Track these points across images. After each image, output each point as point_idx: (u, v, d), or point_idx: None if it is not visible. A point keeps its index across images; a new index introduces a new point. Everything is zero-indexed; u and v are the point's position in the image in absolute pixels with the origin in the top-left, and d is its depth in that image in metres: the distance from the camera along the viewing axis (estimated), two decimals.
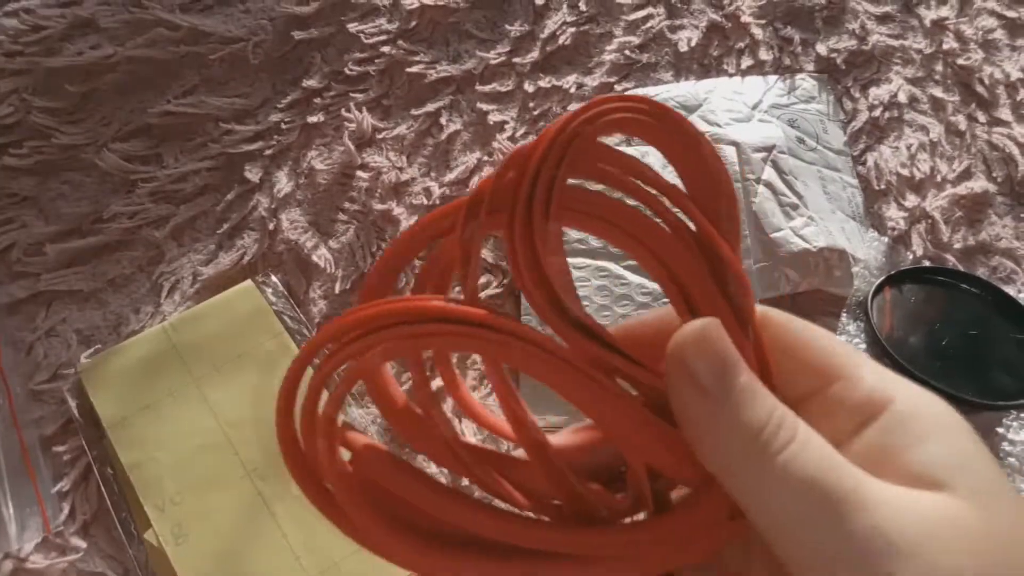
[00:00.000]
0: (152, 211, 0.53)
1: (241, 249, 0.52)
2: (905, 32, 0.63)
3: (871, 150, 0.57)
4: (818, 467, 0.15)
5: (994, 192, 0.56)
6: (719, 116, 0.57)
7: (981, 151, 0.57)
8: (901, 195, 0.56)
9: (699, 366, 0.16)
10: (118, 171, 0.54)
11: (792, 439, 0.16)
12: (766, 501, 0.16)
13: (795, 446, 0.16)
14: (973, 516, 0.15)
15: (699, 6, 0.63)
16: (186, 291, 0.51)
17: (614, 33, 0.62)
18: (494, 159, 0.55)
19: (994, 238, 0.54)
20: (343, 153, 0.55)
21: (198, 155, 0.55)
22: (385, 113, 0.58)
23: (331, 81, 0.59)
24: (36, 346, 0.49)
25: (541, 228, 0.17)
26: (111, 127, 0.56)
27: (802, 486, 0.15)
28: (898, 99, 0.59)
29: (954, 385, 0.46)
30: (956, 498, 0.16)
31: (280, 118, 0.57)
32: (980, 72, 0.60)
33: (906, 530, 0.15)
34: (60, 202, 0.54)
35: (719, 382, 0.16)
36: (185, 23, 0.59)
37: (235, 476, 0.43)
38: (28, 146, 0.55)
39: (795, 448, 0.16)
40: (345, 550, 0.42)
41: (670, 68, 0.61)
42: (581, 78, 0.59)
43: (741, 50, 0.61)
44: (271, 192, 0.54)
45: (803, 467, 0.15)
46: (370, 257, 0.52)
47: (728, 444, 0.16)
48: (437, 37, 0.61)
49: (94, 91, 0.57)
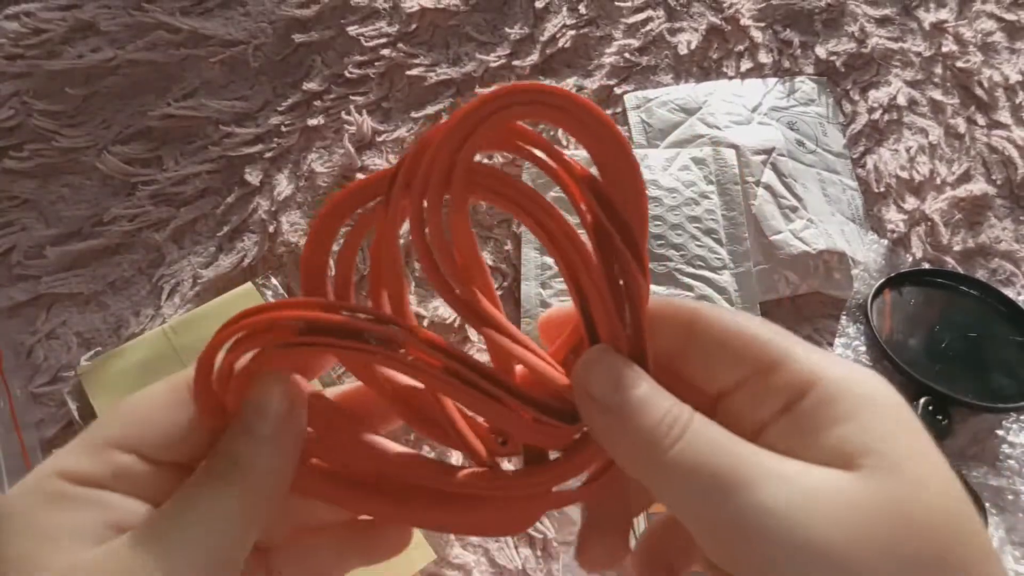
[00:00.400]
0: (152, 214, 0.53)
1: (241, 252, 0.52)
2: (904, 35, 0.63)
3: (870, 153, 0.57)
4: (708, 453, 0.17)
5: (993, 195, 0.56)
6: (719, 119, 0.57)
7: (980, 154, 0.57)
8: (900, 198, 0.56)
9: (595, 389, 0.19)
10: (118, 174, 0.55)
11: (682, 434, 0.17)
12: (667, 491, 0.17)
13: (687, 437, 0.17)
14: (867, 493, 0.16)
15: (699, 9, 0.63)
16: (186, 294, 0.51)
17: (614, 36, 0.62)
18: (493, 161, 0.55)
19: (993, 240, 0.54)
20: (343, 156, 0.55)
21: (198, 158, 0.55)
22: (385, 116, 0.58)
23: (331, 84, 0.59)
24: (36, 349, 0.49)
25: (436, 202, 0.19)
26: (111, 130, 0.56)
27: (691, 472, 0.17)
28: (897, 102, 0.59)
29: (954, 387, 0.46)
30: (858, 475, 0.16)
31: (280, 121, 0.57)
32: (979, 75, 0.60)
33: (787, 504, 0.16)
34: (60, 205, 0.54)
35: (614, 398, 0.18)
36: (186, 26, 0.59)
37: None
38: (29, 149, 0.55)
39: (687, 439, 0.17)
40: None
41: (670, 71, 0.61)
42: (581, 80, 0.60)
43: (741, 53, 0.61)
44: (271, 195, 0.54)
45: (693, 455, 0.17)
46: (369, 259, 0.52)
47: (629, 448, 0.18)
48: (437, 40, 0.61)
49: (95, 94, 0.58)
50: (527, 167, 0.54)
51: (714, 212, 0.52)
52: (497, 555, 0.43)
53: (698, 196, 0.52)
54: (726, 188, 0.53)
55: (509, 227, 0.53)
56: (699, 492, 0.17)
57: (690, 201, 0.52)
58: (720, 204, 0.52)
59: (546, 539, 0.44)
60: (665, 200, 0.52)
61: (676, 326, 0.20)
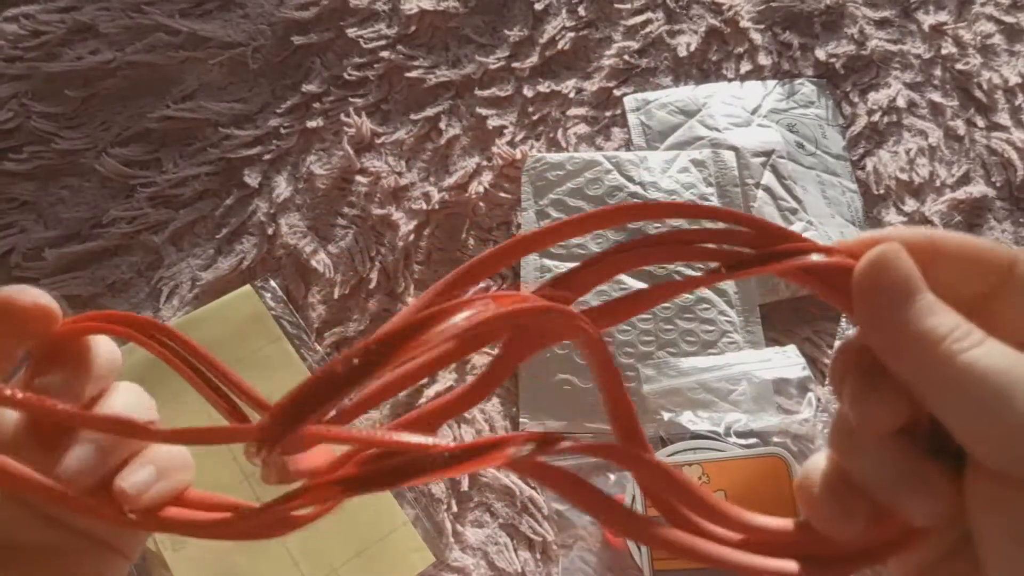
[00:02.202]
0: (151, 216, 0.53)
1: (240, 254, 0.52)
2: (904, 37, 0.63)
3: (870, 155, 0.57)
4: (1005, 361, 0.18)
5: (993, 197, 0.56)
6: (718, 121, 0.57)
7: (980, 156, 0.57)
8: (900, 200, 0.56)
9: (889, 282, 0.19)
10: (117, 176, 0.54)
11: (978, 343, 0.18)
12: (950, 393, 0.18)
13: (984, 346, 0.18)
14: None
15: (698, 11, 0.63)
16: (185, 296, 0.51)
17: (613, 38, 0.62)
18: (493, 163, 0.55)
19: None
20: (342, 158, 0.55)
21: (197, 160, 0.55)
22: (384, 118, 0.58)
23: (330, 86, 0.59)
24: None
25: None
26: (110, 132, 0.56)
27: (984, 377, 0.17)
28: (897, 104, 0.59)
29: None
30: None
31: (279, 123, 0.57)
32: (979, 77, 0.60)
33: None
34: (59, 207, 0.54)
35: (910, 293, 0.19)
36: (185, 28, 0.59)
37: (234, 481, 0.43)
38: (28, 151, 0.55)
39: (984, 347, 0.18)
40: (344, 556, 0.42)
41: (669, 73, 0.61)
42: (580, 83, 0.60)
43: (740, 55, 0.61)
44: (270, 197, 0.54)
45: (988, 361, 0.18)
46: (369, 262, 0.52)
47: (915, 346, 0.18)
48: (436, 42, 0.61)
49: (94, 96, 0.57)
50: (526, 168, 0.54)
51: None
52: (496, 558, 0.43)
53: (698, 198, 0.52)
54: (726, 190, 0.53)
55: (508, 229, 0.53)
56: (989, 396, 0.17)
57: (690, 203, 0.52)
58: (720, 206, 0.53)
59: (545, 542, 0.44)
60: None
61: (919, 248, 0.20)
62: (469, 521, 0.45)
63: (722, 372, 0.45)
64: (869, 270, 0.19)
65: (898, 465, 0.19)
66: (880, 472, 0.20)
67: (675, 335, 0.48)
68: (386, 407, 0.47)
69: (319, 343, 0.49)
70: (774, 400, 0.44)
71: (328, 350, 0.49)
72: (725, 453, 0.42)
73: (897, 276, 0.19)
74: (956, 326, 0.18)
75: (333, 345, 0.49)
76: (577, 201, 0.52)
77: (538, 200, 0.53)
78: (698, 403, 0.44)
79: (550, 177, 0.53)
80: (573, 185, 0.53)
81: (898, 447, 0.20)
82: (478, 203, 0.54)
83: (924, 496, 0.19)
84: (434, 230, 0.54)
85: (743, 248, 0.22)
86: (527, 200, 0.53)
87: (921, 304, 0.19)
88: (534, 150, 0.56)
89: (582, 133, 0.57)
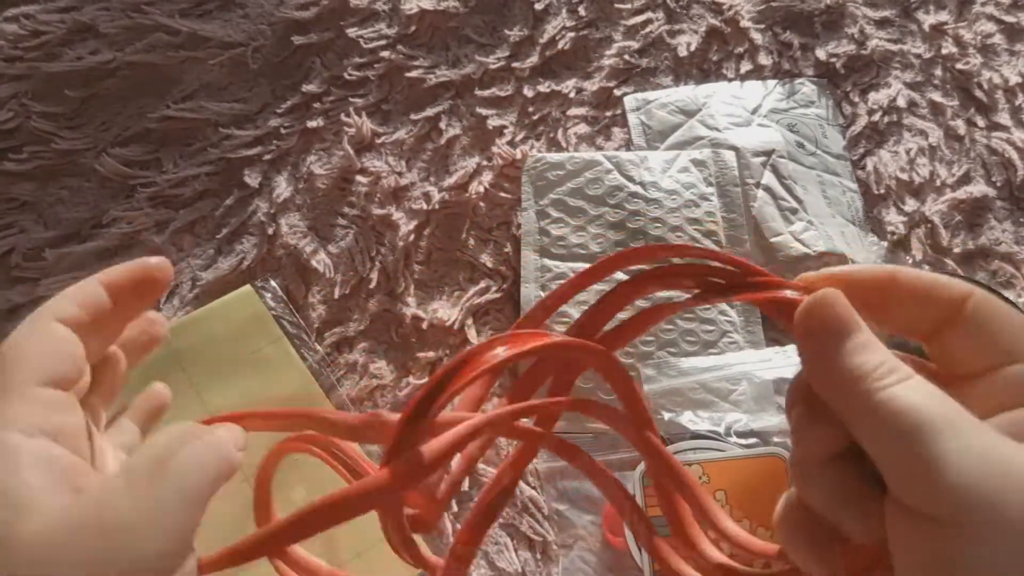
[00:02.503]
0: (151, 216, 0.53)
1: (240, 254, 0.52)
2: (904, 37, 0.63)
3: (870, 154, 0.57)
4: (920, 399, 0.18)
5: (993, 196, 0.56)
6: (718, 120, 0.57)
7: (980, 156, 0.57)
8: (900, 199, 0.56)
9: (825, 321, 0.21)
10: (117, 176, 0.54)
11: (900, 380, 0.19)
12: (870, 426, 0.19)
13: (902, 384, 0.19)
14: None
15: (698, 11, 0.63)
16: (185, 296, 0.51)
17: (613, 38, 0.62)
18: (493, 163, 0.55)
19: (993, 242, 0.54)
20: (342, 158, 0.55)
21: (197, 160, 0.55)
22: (384, 118, 0.58)
23: (330, 86, 0.59)
24: None
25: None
26: (110, 132, 0.56)
27: (900, 412, 0.18)
28: (897, 104, 0.59)
29: None
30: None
31: (279, 123, 0.57)
32: (979, 77, 0.60)
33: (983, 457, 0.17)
34: (59, 207, 0.54)
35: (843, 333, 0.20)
36: (185, 28, 0.59)
37: (234, 482, 0.43)
38: (28, 151, 0.55)
39: (905, 385, 0.19)
40: (344, 556, 0.42)
41: (669, 73, 0.61)
42: (580, 83, 0.60)
43: (740, 55, 0.61)
44: (270, 197, 0.54)
45: (905, 399, 0.18)
46: (369, 262, 0.52)
47: (841, 380, 0.20)
48: (436, 42, 0.61)
49: (94, 96, 0.57)
50: (527, 168, 0.54)
51: (714, 214, 0.52)
52: (496, 558, 0.43)
53: (698, 198, 0.52)
54: (726, 190, 0.53)
55: (508, 229, 0.53)
56: (902, 431, 0.18)
57: (690, 203, 0.52)
58: (720, 206, 0.52)
59: (545, 542, 0.44)
60: (665, 202, 0.52)
61: (879, 284, 0.22)
62: None
63: (722, 372, 0.45)
64: (807, 312, 0.21)
65: (837, 488, 0.21)
66: (823, 495, 0.21)
67: (675, 335, 0.48)
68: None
69: (319, 343, 0.49)
70: (774, 400, 0.44)
71: (328, 350, 0.49)
72: (725, 453, 0.42)
73: (831, 318, 0.21)
74: (881, 363, 0.19)
75: (333, 345, 0.49)
76: (577, 201, 0.52)
77: (538, 200, 0.53)
78: (698, 403, 0.44)
79: (550, 177, 0.53)
80: (573, 185, 0.53)
81: (836, 472, 0.21)
82: (478, 203, 0.54)
83: (855, 517, 0.20)
84: (434, 230, 0.53)
85: (720, 280, 0.25)
86: (527, 200, 0.53)
87: (852, 343, 0.20)
88: (534, 150, 0.56)
89: (582, 133, 0.57)
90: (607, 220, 0.51)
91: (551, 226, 0.52)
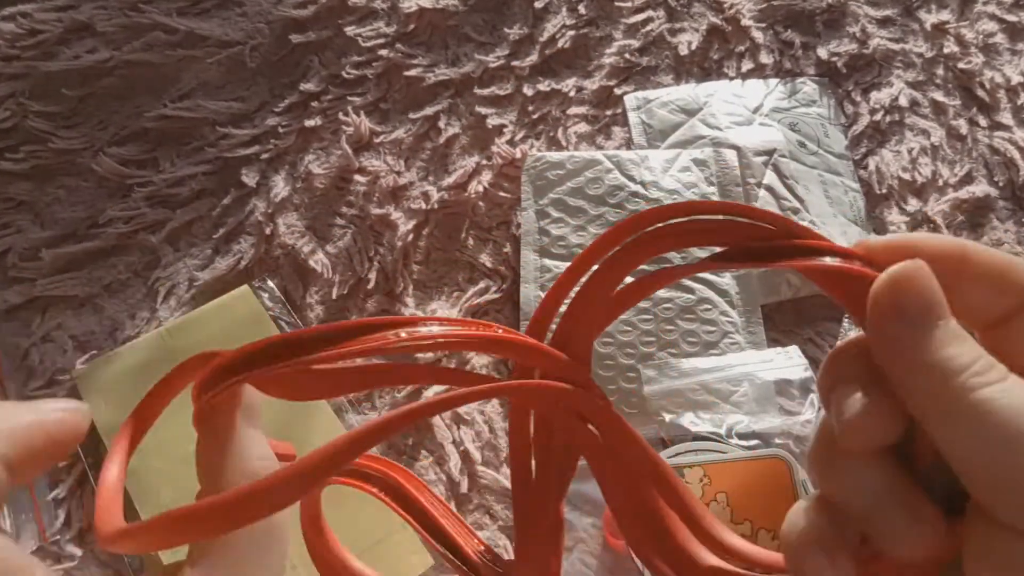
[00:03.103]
0: (148, 216, 0.53)
1: (238, 254, 0.52)
2: (906, 36, 0.62)
3: (872, 154, 0.57)
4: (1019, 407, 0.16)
5: (996, 196, 0.55)
6: (720, 119, 0.56)
7: (982, 155, 0.57)
8: (903, 199, 0.55)
9: (911, 300, 0.17)
10: (114, 175, 0.54)
11: (999, 380, 0.17)
12: (962, 431, 0.17)
13: (1000, 385, 0.16)
14: None
15: (699, 9, 0.63)
16: (182, 296, 0.50)
17: (614, 36, 0.61)
18: (493, 163, 0.55)
19: (996, 242, 0.54)
20: (340, 157, 0.55)
21: (194, 159, 0.55)
22: (383, 117, 0.58)
23: (328, 85, 0.58)
24: (32, 352, 0.49)
25: None
26: (107, 131, 0.56)
27: (1002, 418, 0.16)
28: (899, 103, 0.59)
29: None
30: None
31: (277, 122, 0.57)
32: (981, 76, 0.60)
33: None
34: (56, 207, 0.53)
35: (930, 317, 0.17)
36: (182, 27, 0.59)
37: None
38: (24, 150, 0.54)
39: (1003, 385, 0.16)
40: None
41: (670, 71, 0.60)
42: (580, 81, 0.59)
43: (742, 53, 0.61)
44: (268, 196, 0.54)
45: (1005, 402, 0.16)
46: (367, 262, 0.52)
47: (929, 376, 0.17)
48: (435, 40, 0.61)
49: (91, 95, 0.57)
50: (526, 167, 0.54)
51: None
52: None
53: (699, 198, 0.52)
54: (727, 189, 0.53)
55: (508, 229, 0.53)
56: (1003, 439, 0.16)
57: None
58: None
59: None
60: (666, 202, 0.51)
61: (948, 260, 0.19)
62: (468, 523, 0.44)
63: (724, 373, 0.45)
64: (889, 288, 0.18)
65: (883, 486, 0.18)
66: (862, 492, 0.18)
67: (676, 336, 0.47)
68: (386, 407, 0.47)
69: None
70: (776, 401, 0.44)
71: None
72: (727, 455, 0.41)
73: (919, 299, 0.18)
74: (977, 359, 0.17)
75: None
76: (577, 200, 0.52)
77: (538, 199, 0.53)
78: (699, 404, 0.44)
79: (550, 176, 0.53)
80: (573, 184, 0.52)
81: (887, 468, 0.18)
82: (477, 202, 0.54)
83: (907, 524, 0.18)
84: (433, 230, 0.53)
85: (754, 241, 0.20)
86: (527, 199, 0.53)
87: (942, 332, 0.17)
88: (534, 149, 0.56)
89: (582, 132, 0.57)
90: (607, 220, 0.51)
91: (551, 226, 0.51)
